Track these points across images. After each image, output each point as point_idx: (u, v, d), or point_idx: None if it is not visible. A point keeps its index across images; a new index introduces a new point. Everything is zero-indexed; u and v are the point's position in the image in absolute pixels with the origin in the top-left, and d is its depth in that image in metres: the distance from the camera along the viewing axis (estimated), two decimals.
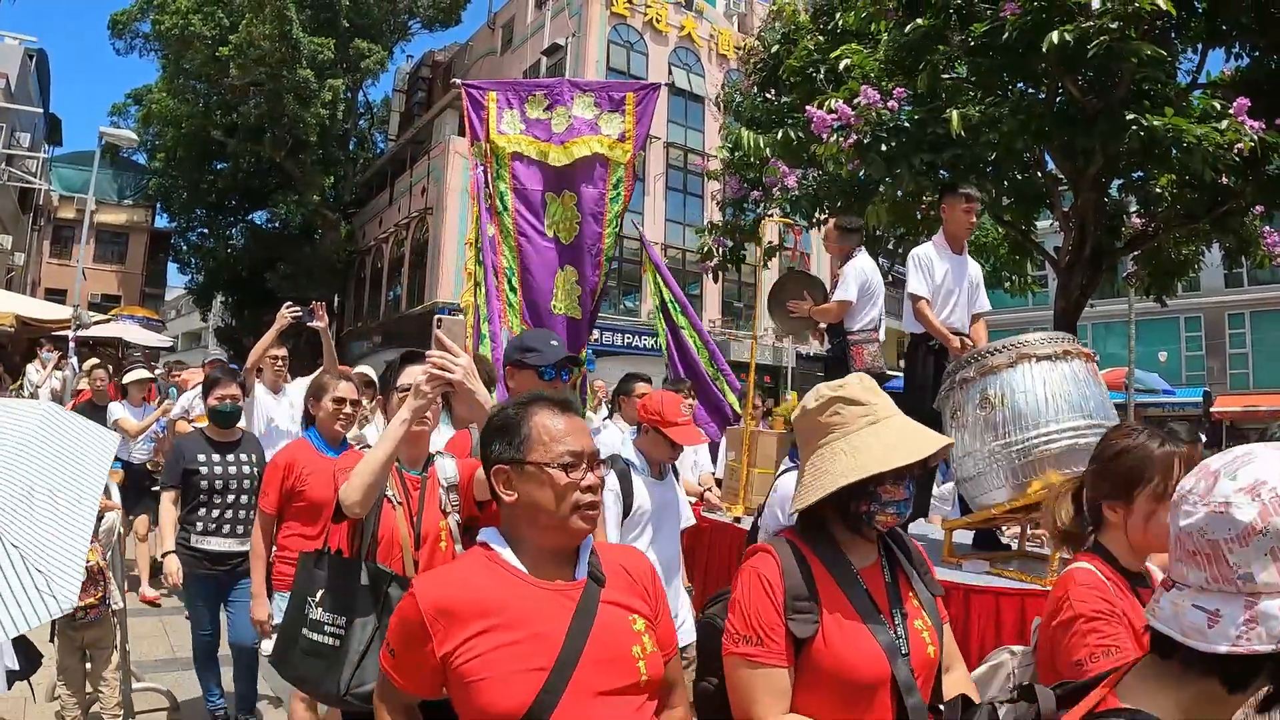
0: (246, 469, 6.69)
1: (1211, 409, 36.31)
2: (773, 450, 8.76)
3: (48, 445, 3.24)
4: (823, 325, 8.78)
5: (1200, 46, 11.98)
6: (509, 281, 8.98)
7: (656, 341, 10.65)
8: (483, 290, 8.40)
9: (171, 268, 57.37)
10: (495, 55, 45.36)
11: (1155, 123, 9.31)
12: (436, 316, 31.22)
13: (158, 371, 15.53)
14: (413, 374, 5.15)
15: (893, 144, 10.67)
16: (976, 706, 2.27)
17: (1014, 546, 6.75)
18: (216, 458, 6.60)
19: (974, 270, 7.59)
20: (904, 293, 7.54)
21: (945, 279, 7.29)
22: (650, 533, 5.45)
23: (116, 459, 8.76)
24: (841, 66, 11.98)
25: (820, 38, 14.09)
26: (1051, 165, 12.53)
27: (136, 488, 10.65)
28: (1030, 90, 11.53)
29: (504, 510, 2.69)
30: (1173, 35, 11.33)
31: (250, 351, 8.39)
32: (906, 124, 10.84)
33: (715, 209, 22.64)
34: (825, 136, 10.91)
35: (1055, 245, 13.82)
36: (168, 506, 6.57)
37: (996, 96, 11.09)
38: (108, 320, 31.07)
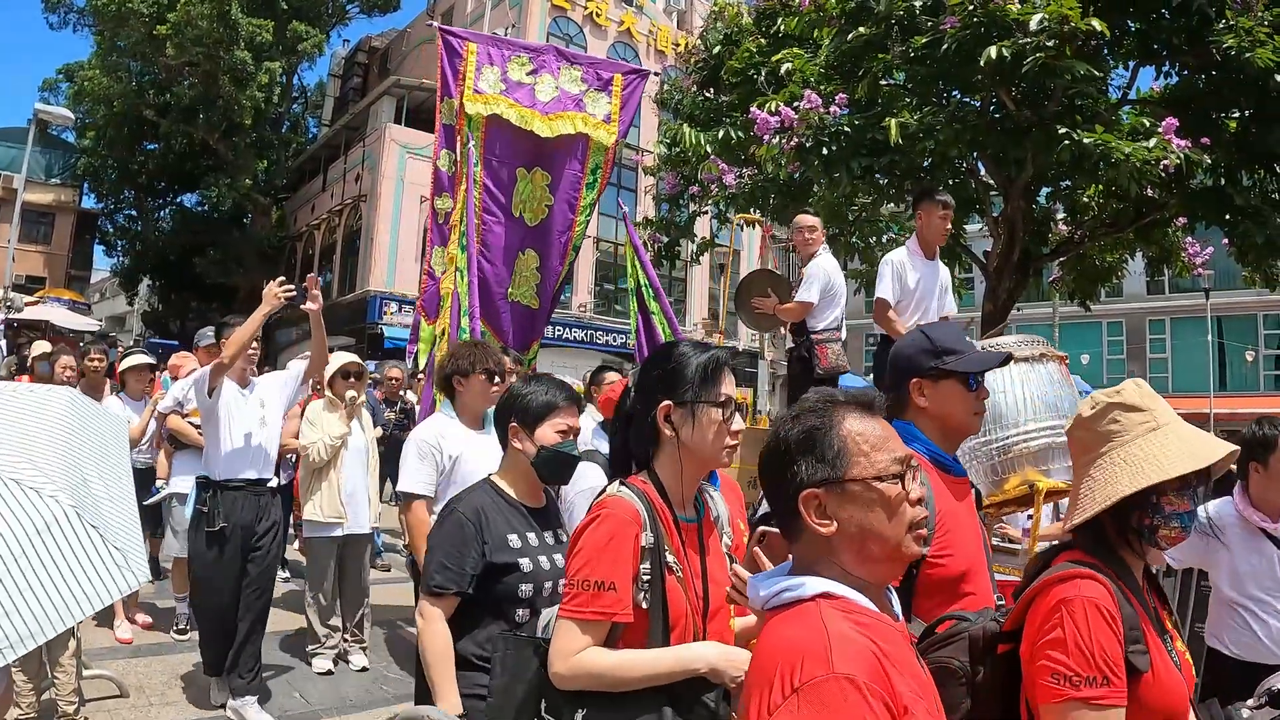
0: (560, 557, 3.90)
1: None
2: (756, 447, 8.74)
3: (83, 429, 3.39)
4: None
5: (1132, 64, 12.31)
6: (460, 272, 8.30)
7: (587, 334, 10.24)
8: (465, 278, 7.89)
9: (97, 250, 56.21)
10: (433, 42, 45.08)
11: (1086, 139, 9.62)
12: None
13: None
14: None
15: (833, 148, 10.86)
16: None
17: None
18: (532, 539, 3.87)
19: (944, 275, 7.90)
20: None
21: (919, 286, 7.49)
22: (580, 507, 5.30)
23: None
24: (783, 70, 12.16)
25: (762, 40, 14.25)
26: (983, 173, 12.83)
27: (142, 498, 8.82)
28: (966, 101, 11.80)
29: (811, 547, 2.14)
30: (1105, 53, 11.59)
31: (231, 340, 6.90)
32: (846, 129, 11.02)
33: (649, 204, 22.77)
34: (767, 138, 11.10)
35: (984, 249, 14.14)
36: (436, 632, 3.68)
37: (933, 106, 11.32)
38: (35, 303, 30.69)
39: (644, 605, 2.80)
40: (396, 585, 11.35)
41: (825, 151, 10.89)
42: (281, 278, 7.12)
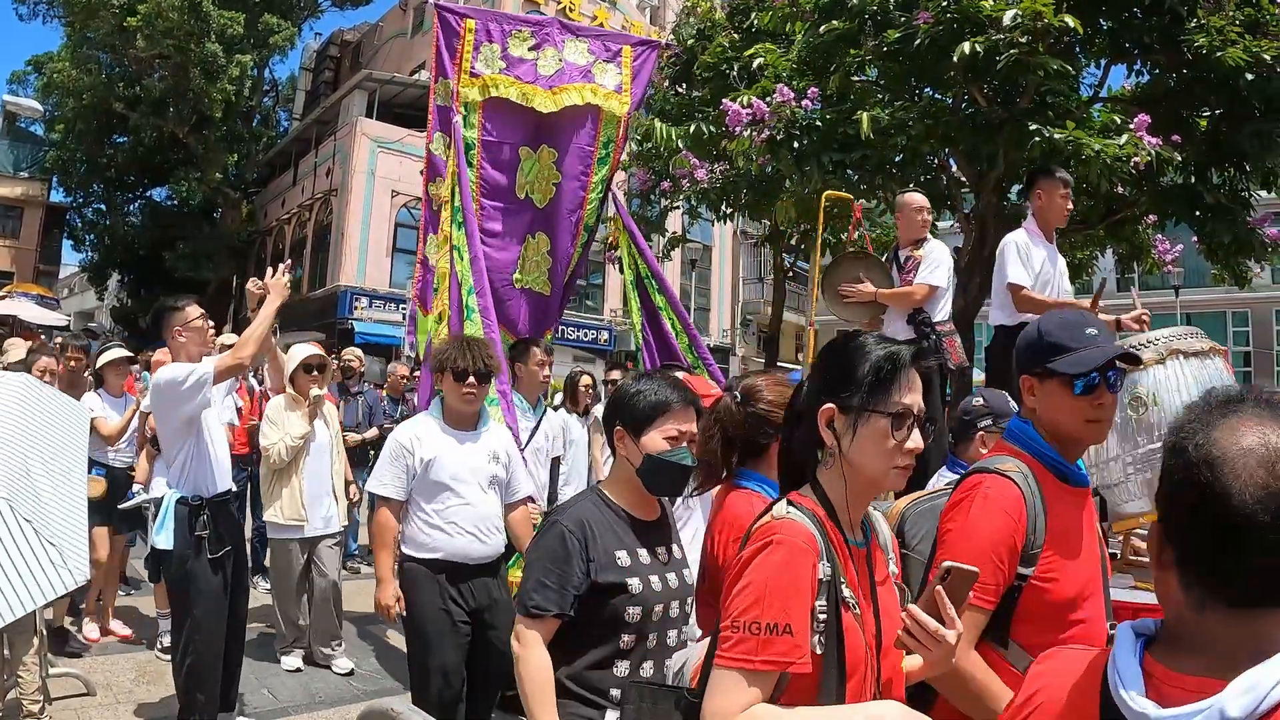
0: (685, 576, 3.60)
1: None
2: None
3: (34, 417, 3.28)
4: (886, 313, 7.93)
5: (1104, 62, 12.39)
6: (457, 250, 7.80)
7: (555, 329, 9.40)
8: (465, 257, 7.43)
9: (66, 245, 55.43)
10: (405, 37, 44.96)
11: (1057, 135, 9.69)
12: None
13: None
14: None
15: (804, 142, 10.89)
16: None
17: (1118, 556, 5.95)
18: (643, 556, 3.43)
19: (1061, 259, 7.29)
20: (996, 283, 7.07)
21: (1043, 268, 6.89)
22: (695, 519, 4.79)
23: (95, 463, 7.90)
24: (755, 65, 12.17)
25: (735, 35, 14.27)
26: (955, 169, 12.86)
27: (119, 500, 8.58)
28: (938, 96, 11.83)
29: None
30: (1078, 50, 11.68)
31: (251, 338, 5.84)
32: (818, 123, 11.07)
33: (621, 199, 22.78)
34: (738, 130, 11.09)
35: (956, 245, 14.16)
36: (535, 658, 3.22)
37: (905, 101, 11.39)
38: (3, 298, 30.45)
39: (818, 650, 2.32)
40: (367, 581, 11.05)
41: (796, 145, 10.94)
42: (288, 261, 6.87)
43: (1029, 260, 6.78)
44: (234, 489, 6.51)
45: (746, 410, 3.71)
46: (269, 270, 6.24)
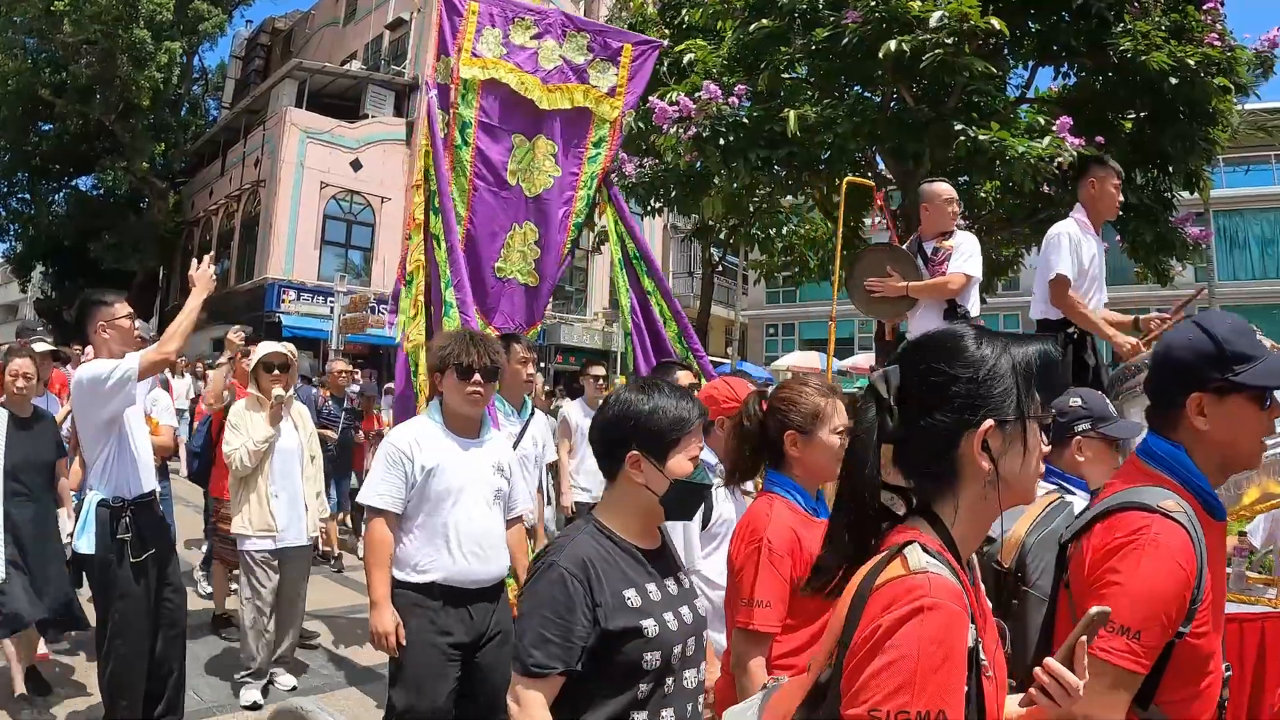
0: (697, 608, 3.14)
1: None
2: None
3: None
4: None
5: (1031, 64, 12.55)
6: (435, 239, 7.42)
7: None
8: (442, 246, 6.94)
9: None
10: (337, 26, 44.64)
11: (981, 135, 9.88)
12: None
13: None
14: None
15: (731, 139, 10.91)
16: None
17: None
18: (654, 592, 2.96)
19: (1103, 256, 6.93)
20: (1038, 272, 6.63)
21: (1092, 263, 6.49)
22: (721, 552, 4.28)
23: None
24: (685, 61, 12.20)
25: (666, 31, 14.27)
26: (882, 166, 12.96)
27: None
28: (867, 95, 11.90)
29: None
30: (1005, 52, 11.83)
31: (174, 333, 5.56)
32: (745, 120, 11.10)
33: None
34: (666, 127, 11.09)
35: (881, 242, 14.29)
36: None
37: (834, 99, 11.47)
38: None
39: None
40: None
41: (723, 142, 10.96)
42: (211, 253, 6.54)
43: (1078, 254, 6.36)
44: (158, 488, 6.19)
45: (769, 412, 3.54)
46: (194, 262, 5.88)
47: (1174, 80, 10.22)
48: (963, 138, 9.98)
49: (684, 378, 6.09)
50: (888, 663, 1.79)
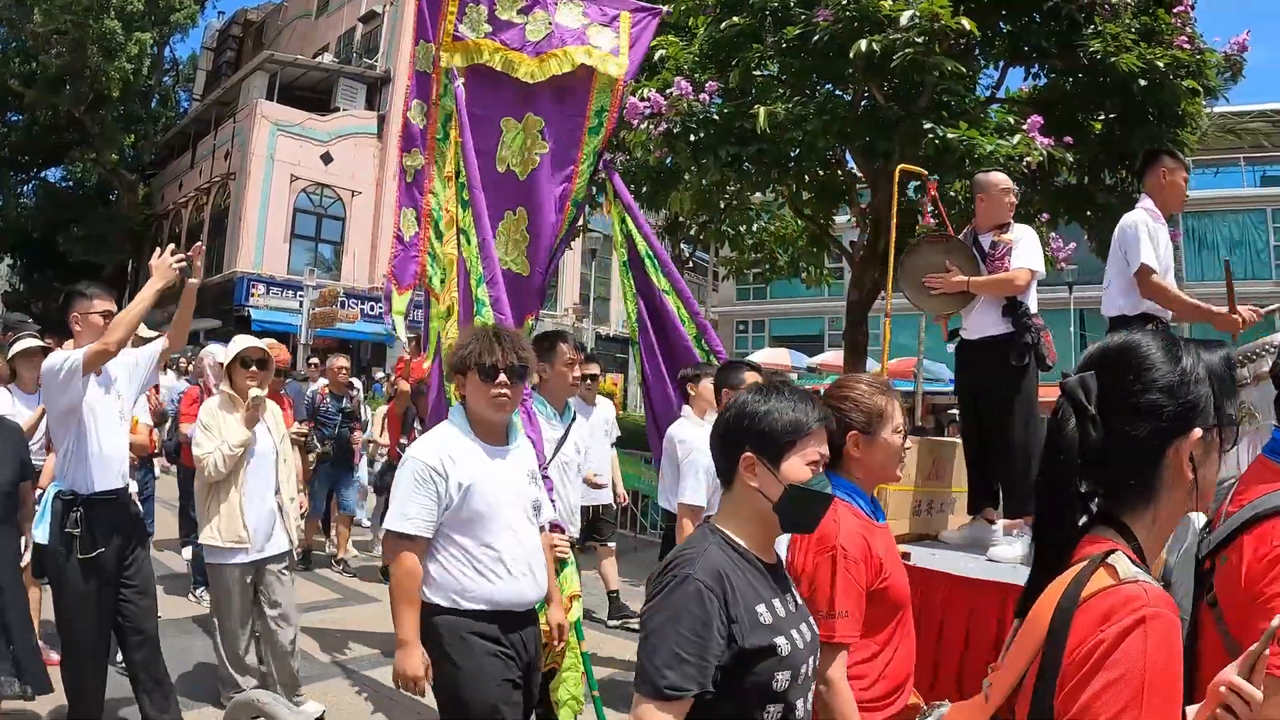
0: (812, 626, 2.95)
1: None
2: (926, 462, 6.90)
3: None
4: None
5: (1002, 64, 12.59)
6: (435, 226, 7.25)
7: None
8: (473, 241, 6.44)
9: None
10: (310, 18, 44.52)
11: (950, 134, 9.97)
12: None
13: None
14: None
15: (701, 135, 10.91)
16: None
17: None
18: (779, 608, 2.78)
19: None
20: (1110, 266, 6.41)
21: (1165, 255, 6.20)
22: None
23: None
24: (657, 57, 12.18)
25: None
26: (852, 164, 13.02)
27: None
28: (837, 93, 11.93)
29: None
30: (976, 52, 11.95)
31: (119, 321, 5.49)
32: (716, 117, 11.12)
33: None
34: (636, 123, 11.09)
35: (851, 240, 14.35)
36: None
37: (804, 96, 11.50)
38: None
39: None
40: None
41: (693, 138, 10.97)
42: (171, 245, 5.96)
43: (1156, 242, 6.12)
44: (125, 487, 5.96)
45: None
46: (158, 250, 5.79)
47: (1143, 82, 10.30)
48: (932, 136, 10.05)
49: (750, 378, 5.60)
50: (1113, 680, 1.74)
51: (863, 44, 9.76)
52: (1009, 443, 6.50)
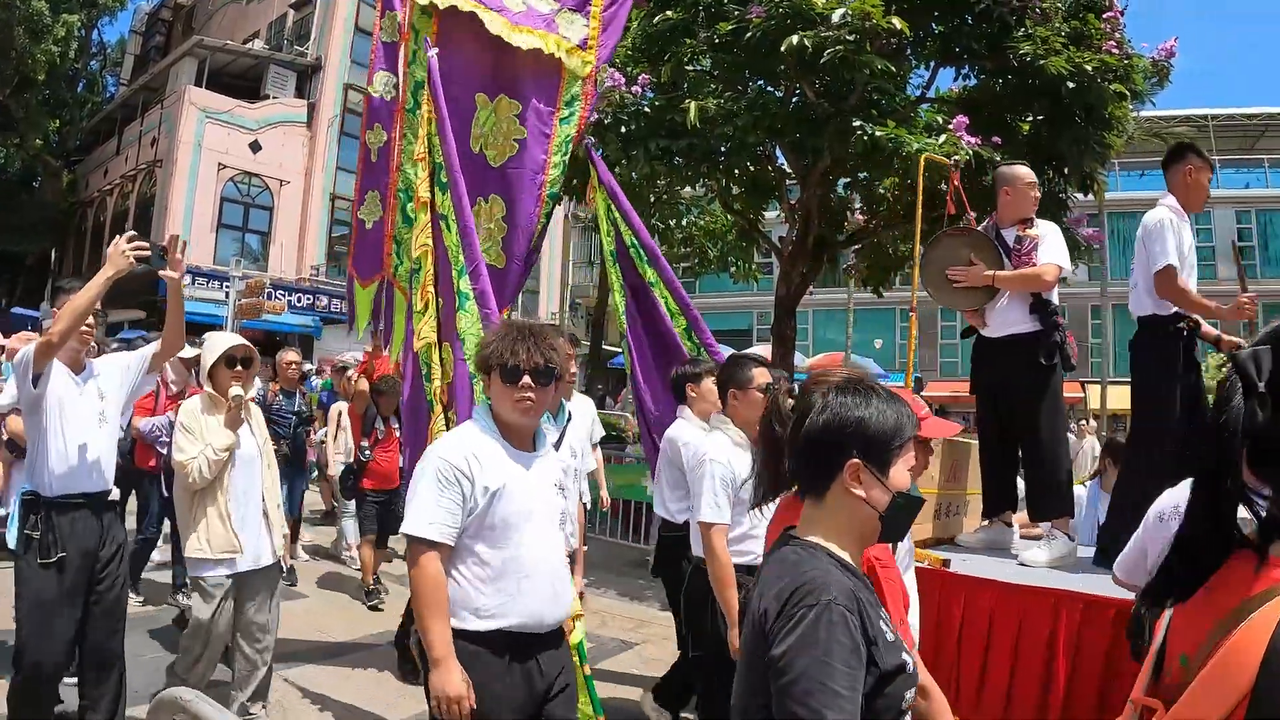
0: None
1: (922, 393, 39.13)
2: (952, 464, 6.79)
3: None
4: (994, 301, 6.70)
5: (933, 65, 12.73)
6: (402, 209, 6.77)
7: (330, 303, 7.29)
8: (453, 228, 5.93)
9: None
10: (240, 3, 43.86)
11: (878, 132, 10.03)
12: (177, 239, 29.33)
13: None
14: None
15: (632, 127, 10.94)
16: None
17: None
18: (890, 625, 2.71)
19: None
20: (1137, 265, 6.17)
21: (1190, 254, 6.04)
22: (910, 575, 3.94)
23: None
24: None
25: None
26: (782, 160, 13.10)
27: None
28: (769, 89, 11.99)
29: None
30: (908, 52, 12.08)
31: (64, 311, 5.26)
32: (647, 109, 11.17)
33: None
34: None
35: (780, 235, 14.43)
36: None
37: (736, 92, 11.56)
38: None
39: None
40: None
41: (624, 130, 11.01)
42: (132, 232, 5.43)
43: (1180, 239, 5.94)
44: (99, 491, 5.62)
45: None
46: (118, 237, 5.38)
47: (1072, 85, 10.41)
48: (861, 134, 10.12)
49: (760, 374, 5.39)
50: None
51: (794, 40, 9.80)
52: (1037, 444, 6.40)
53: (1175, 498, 4.16)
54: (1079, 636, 4.90)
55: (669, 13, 11.45)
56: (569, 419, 6.40)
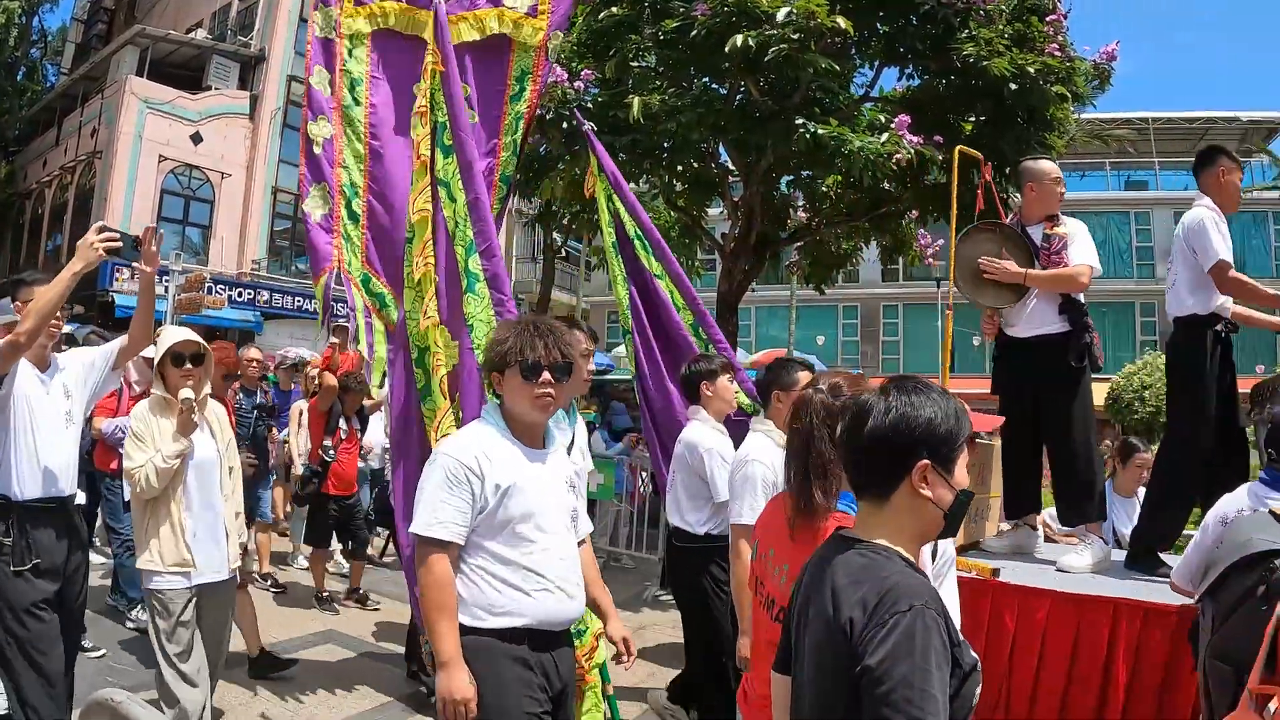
0: None
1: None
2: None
3: None
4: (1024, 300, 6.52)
5: (877, 64, 12.84)
6: (347, 205, 6.54)
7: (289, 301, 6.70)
8: (459, 199, 5.52)
9: None
10: None
11: (821, 130, 10.14)
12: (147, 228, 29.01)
13: None
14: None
15: (573, 123, 10.80)
16: None
17: None
18: None
19: None
20: (1175, 265, 6.03)
21: (1231, 250, 5.87)
22: (951, 581, 3.78)
23: None
24: None
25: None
26: (725, 157, 13.22)
27: None
28: (714, 86, 12.02)
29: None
30: (853, 52, 12.20)
31: (31, 308, 5.02)
32: (589, 105, 11.21)
33: None
34: None
35: (723, 232, 14.50)
36: None
37: (681, 88, 11.61)
38: None
39: None
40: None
41: (566, 126, 11.03)
42: (102, 223, 5.27)
43: (1224, 236, 5.82)
44: (69, 497, 5.39)
45: (840, 406, 3.14)
46: (92, 230, 5.17)
47: (1014, 86, 10.57)
48: (803, 132, 10.21)
49: (805, 378, 5.04)
50: None
51: (739, 39, 9.88)
52: (1069, 447, 6.27)
53: (1237, 501, 4.28)
54: (1139, 645, 4.86)
55: (614, 9, 11.52)
56: (576, 421, 5.99)
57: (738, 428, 6.23)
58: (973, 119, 11.90)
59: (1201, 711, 3.81)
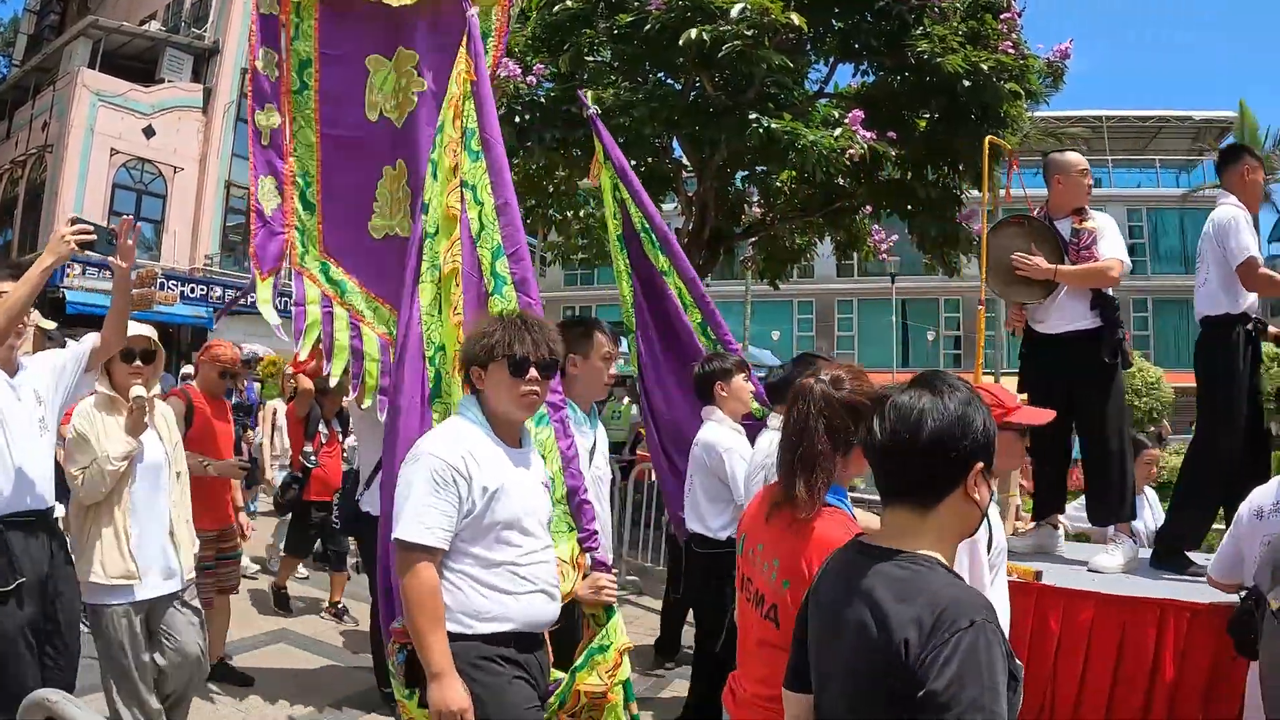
0: None
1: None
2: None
3: None
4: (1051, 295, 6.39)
5: (832, 61, 12.86)
6: (301, 196, 6.26)
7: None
8: (487, 201, 5.12)
9: None
10: None
11: (774, 125, 10.16)
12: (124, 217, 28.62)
13: None
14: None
15: (527, 118, 10.92)
16: None
17: None
18: None
19: None
20: (1206, 263, 5.96)
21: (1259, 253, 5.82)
22: (1003, 574, 3.70)
23: None
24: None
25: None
26: (679, 152, 13.24)
27: None
28: (668, 81, 12.03)
29: None
30: (807, 48, 12.22)
31: (3, 304, 4.57)
32: (542, 99, 11.14)
33: None
34: None
35: (677, 227, 14.50)
36: None
37: (635, 83, 11.60)
38: None
39: None
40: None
41: (519, 120, 10.96)
42: (74, 214, 4.87)
43: (1253, 233, 5.76)
44: (48, 510, 4.85)
45: (840, 398, 3.13)
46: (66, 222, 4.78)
47: (968, 83, 10.61)
48: (757, 127, 10.22)
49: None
50: None
51: (693, 34, 9.85)
52: (1103, 446, 6.19)
53: (1269, 493, 4.32)
54: (1185, 646, 4.83)
55: (569, 3, 11.47)
56: (598, 423, 5.61)
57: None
58: (926, 115, 11.94)
59: (1265, 700, 3.86)
